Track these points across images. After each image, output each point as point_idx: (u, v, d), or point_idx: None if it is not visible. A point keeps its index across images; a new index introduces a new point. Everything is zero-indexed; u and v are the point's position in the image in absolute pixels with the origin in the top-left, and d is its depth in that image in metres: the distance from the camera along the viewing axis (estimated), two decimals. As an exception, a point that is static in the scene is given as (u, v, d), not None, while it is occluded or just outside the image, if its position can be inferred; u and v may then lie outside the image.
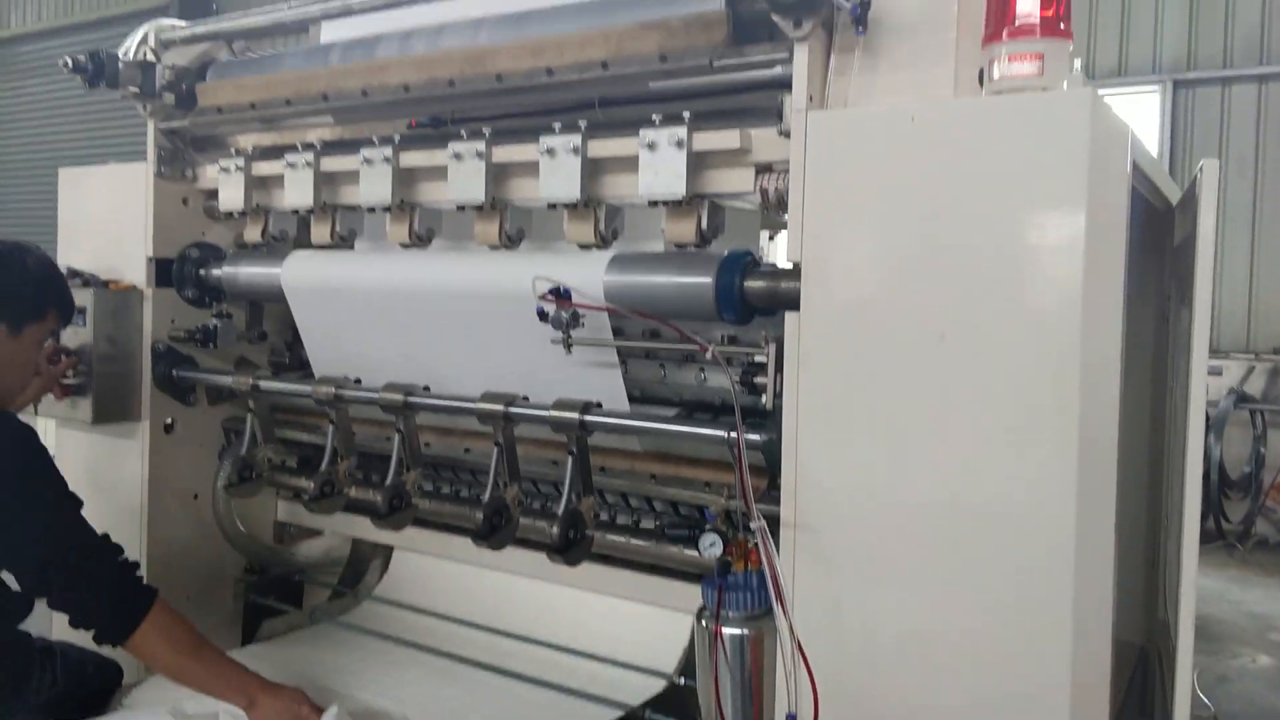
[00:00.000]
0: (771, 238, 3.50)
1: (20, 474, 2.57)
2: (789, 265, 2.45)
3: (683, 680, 2.94)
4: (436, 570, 3.66)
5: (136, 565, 2.76)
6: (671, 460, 2.83)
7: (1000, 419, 1.98)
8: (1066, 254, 1.90)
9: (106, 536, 2.72)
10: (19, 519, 2.53)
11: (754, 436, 2.36)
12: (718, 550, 2.37)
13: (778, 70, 2.33)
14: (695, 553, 2.50)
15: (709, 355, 2.43)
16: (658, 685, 3.02)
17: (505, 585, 3.48)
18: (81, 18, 16.92)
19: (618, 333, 2.73)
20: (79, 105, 16.43)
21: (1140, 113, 8.30)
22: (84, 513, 2.73)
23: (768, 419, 2.38)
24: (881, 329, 2.11)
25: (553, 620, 3.40)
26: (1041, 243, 1.93)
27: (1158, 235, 3.44)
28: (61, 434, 3.74)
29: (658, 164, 2.48)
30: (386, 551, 3.84)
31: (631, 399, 2.83)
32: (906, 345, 2.08)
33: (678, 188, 2.46)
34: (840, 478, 2.19)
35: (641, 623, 3.24)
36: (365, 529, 3.50)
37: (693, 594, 2.88)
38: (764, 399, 2.36)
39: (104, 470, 3.59)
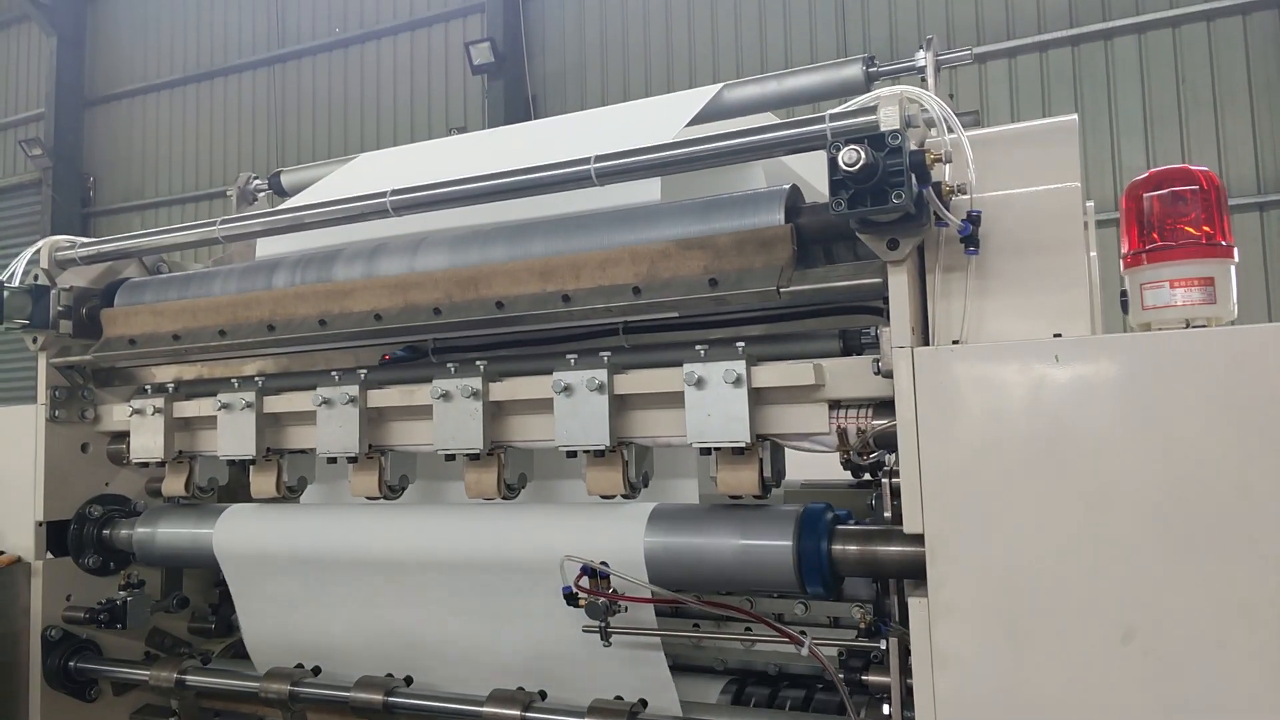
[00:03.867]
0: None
1: None
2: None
3: None
4: None
5: None
6: (733, 755, 2.28)
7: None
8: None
9: None
10: None
11: (876, 757, 1.85)
12: None
13: (858, 293, 1.93)
14: None
15: (804, 652, 1.93)
16: None
17: None
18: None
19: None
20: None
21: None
22: None
23: (889, 729, 1.87)
24: (1045, 624, 1.65)
25: None
26: (1269, 496, 1.52)
27: None
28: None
29: (709, 404, 2.03)
30: None
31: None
32: (1081, 647, 1.63)
33: (740, 433, 2.00)
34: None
35: None
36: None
37: None
38: (886, 710, 1.86)
39: (-23, 803, 2.79)
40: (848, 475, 2.47)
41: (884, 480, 2.07)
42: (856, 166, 1.61)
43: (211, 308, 2.59)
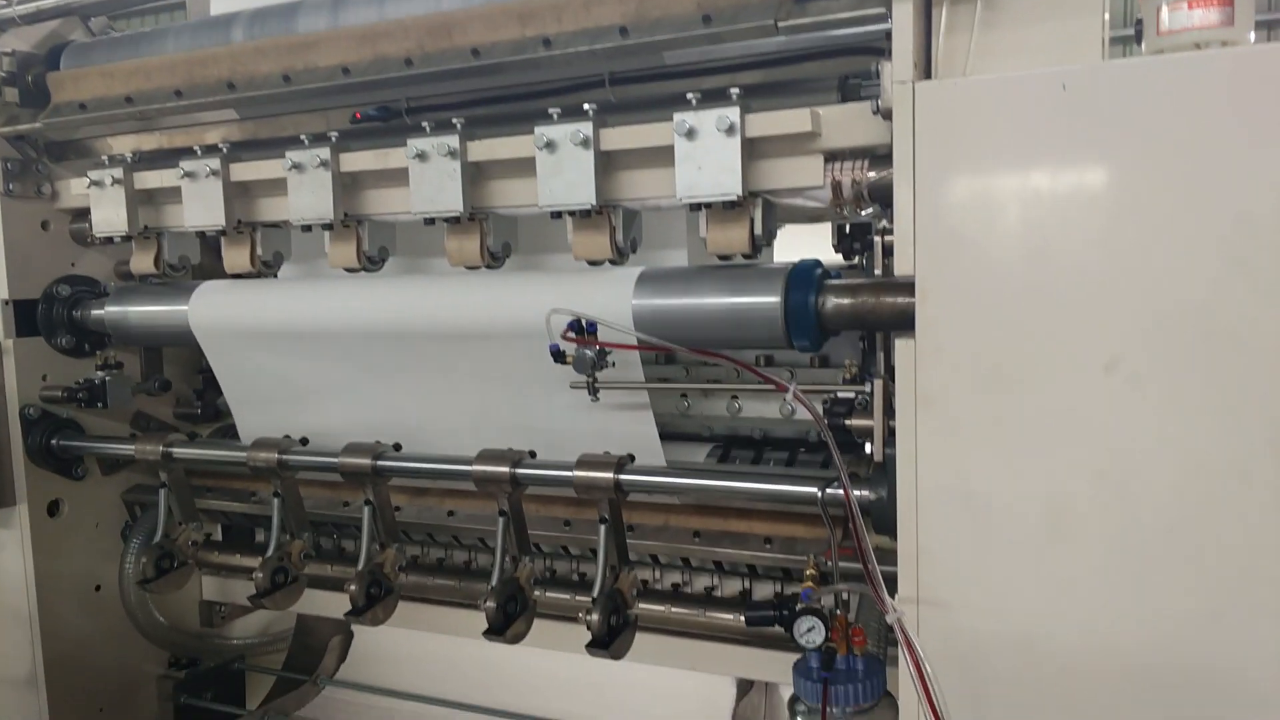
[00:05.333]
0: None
1: None
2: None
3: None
4: (412, 645, 3.09)
5: None
6: (715, 513, 2.33)
7: (1214, 482, 1.56)
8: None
9: None
10: None
11: (863, 493, 1.88)
12: (818, 637, 1.92)
13: (857, 29, 1.83)
14: (782, 632, 2.04)
15: (790, 397, 1.93)
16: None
17: (498, 655, 2.94)
18: None
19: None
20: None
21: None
22: None
23: (873, 471, 1.91)
24: (1030, 360, 1.65)
25: (565, 692, 2.89)
26: (1263, 239, 1.50)
27: None
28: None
29: (700, 155, 1.94)
30: (345, 626, 3.23)
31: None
32: (1064, 379, 1.63)
33: (731, 185, 1.93)
34: (975, 553, 1.74)
35: (668, 687, 2.78)
36: (320, 604, 2.89)
37: (735, 657, 2.45)
38: (869, 448, 1.88)
39: (-26, 572, 2.85)
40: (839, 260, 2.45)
41: (875, 238, 2.03)
42: None
43: (165, 66, 2.42)
